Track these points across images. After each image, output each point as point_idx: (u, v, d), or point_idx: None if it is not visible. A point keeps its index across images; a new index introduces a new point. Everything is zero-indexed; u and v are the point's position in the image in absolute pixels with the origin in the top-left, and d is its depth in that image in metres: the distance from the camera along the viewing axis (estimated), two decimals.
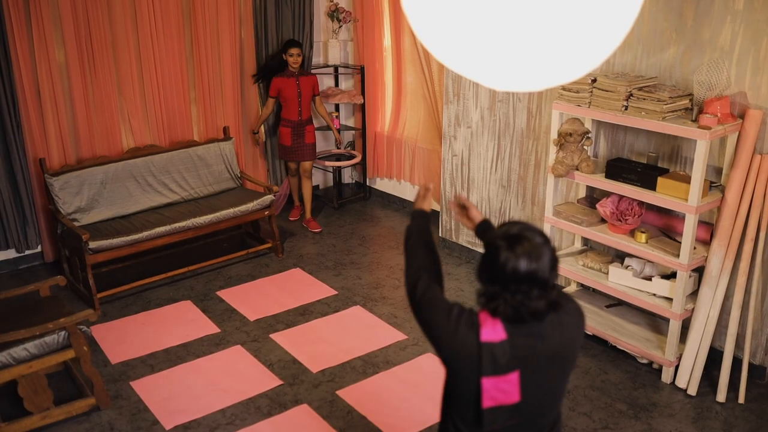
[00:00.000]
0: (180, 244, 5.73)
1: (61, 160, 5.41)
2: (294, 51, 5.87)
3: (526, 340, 1.87)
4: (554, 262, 1.85)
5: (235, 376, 4.23)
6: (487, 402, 1.89)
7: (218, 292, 5.23)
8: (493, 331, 1.85)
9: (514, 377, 1.87)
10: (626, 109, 3.97)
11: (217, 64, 6.05)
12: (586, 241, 4.78)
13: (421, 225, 2.23)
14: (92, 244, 4.85)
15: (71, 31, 5.25)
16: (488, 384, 1.87)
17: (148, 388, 4.11)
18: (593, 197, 4.60)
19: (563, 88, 4.24)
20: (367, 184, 7.13)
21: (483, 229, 2.37)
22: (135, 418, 3.86)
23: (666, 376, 4.15)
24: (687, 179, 3.88)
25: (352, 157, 6.91)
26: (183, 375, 4.24)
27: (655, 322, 4.45)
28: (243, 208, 5.57)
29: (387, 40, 6.51)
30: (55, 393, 3.85)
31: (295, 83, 5.98)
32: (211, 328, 4.74)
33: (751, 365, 4.09)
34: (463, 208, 2.45)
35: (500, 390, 1.88)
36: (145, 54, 5.63)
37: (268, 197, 5.69)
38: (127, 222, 5.29)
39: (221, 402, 3.98)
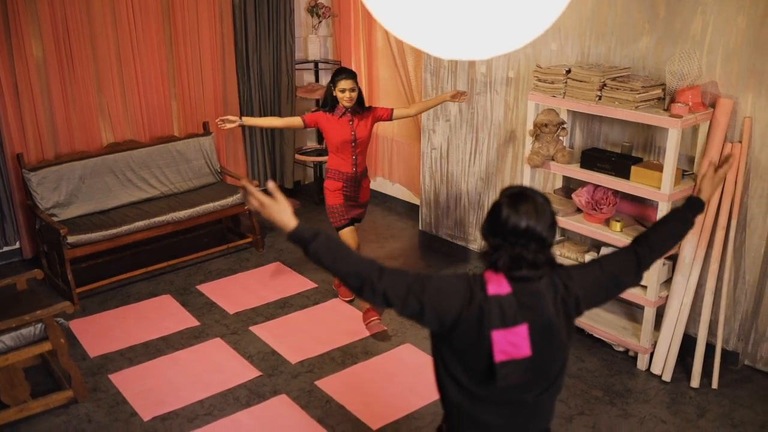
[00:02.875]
0: (160, 238, 5.72)
1: (39, 155, 5.39)
2: (346, 85, 4.38)
3: (530, 297, 1.96)
4: (553, 222, 1.97)
5: (214, 367, 4.23)
6: (498, 356, 1.93)
7: (198, 286, 5.23)
8: (498, 286, 1.94)
9: (523, 330, 1.93)
10: (600, 99, 4.02)
11: (197, 59, 6.05)
12: (563, 231, 4.82)
13: (319, 241, 1.99)
14: (70, 239, 4.84)
15: (48, 27, 5.23)
16: (498, 337, 1.92)
17: (126, 381, 4.10)
18: (569, 188, 4.64)
19: (538, 79, 4.28)
20: None
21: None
22: (113, 410, 3.86)
23: (641, 363, 4.20)
24: (660, 168, 3.93)
25: None
26: (162, 367, 4.24)
27: (631, 311, 4.50)
28: (223, 202, 5.58)
29: (364, 36, 6.52)
30: (32, 386, 3.83)
31: (349, 125, 4.48)
32: (191, 322, 4.74)
33: (724, 351, 4.14)
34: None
35: (510, 343, 1.93)
36: (124, 49, 5.62)
37: None
38: (106, 217, 5.28)
39: (200, 393, 3.98)
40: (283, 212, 2.02)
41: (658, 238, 2.24)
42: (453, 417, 2.13)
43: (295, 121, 4.59)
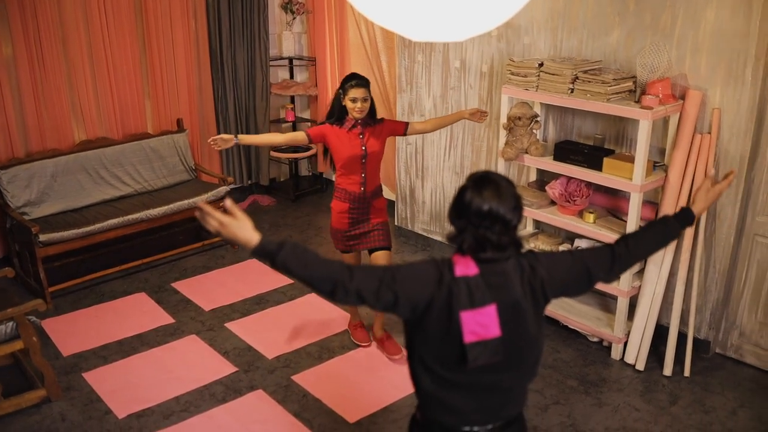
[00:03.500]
0: (134, 236, 5.67)
1: (9, 153, 5.31)
2: (358, 93, 3.86)
3: (497, 278, 1.99)
4: (517, 204, 2.00)
5: (190, 364, 4.21)
6: (468, 337, 1.95)
7: (173, 284, 5.19)
8: (466, 267, 1.97)
9: (491, 310, 1.96)
10: (572, 91, 4.06)
11: (171, 56, 6.00)
12: (537, 224, 4.86)
13: (286, 251, 1.97)
14: (42, 237, 4.78)
15: (18, 25, 5.15)
16: (467, 317, 1.94)
17: (100, 379, 4.06)
18: (543, 180, 4.68)
19: (511, 73, 4.31)
20: (324, 176, 7.13)
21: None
22: (87, 408, 3.82)
23: (615, 353, 4.25)
24: (631, 159, 3.98)
25: (309, 149, 6.91)
26: (136, 365, 4.20)
27: (605, 302, 4.55)
28: (197, 199, 5.54)
29: (337, 32, 6.51)
30: (4, 386, 3.79)
31: (359, 139, 3.94)
32: (166, 319, 4.70)
33: (695, 339, 4.20)
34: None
35: (479, 323, 1.95)
36: (96, 47, 5.56)
37: (223, 188, 5.67)
38: (79, 215, 5.22)
39: (175, 390, 3.96)
40: (244, 228, 1.97)
41: (639, 240, 2.24)
42: (427, 405, 2.14)
43: (299, 136, 4.00)
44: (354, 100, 3.86)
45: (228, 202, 2.03)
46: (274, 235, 6.04)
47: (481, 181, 1.99)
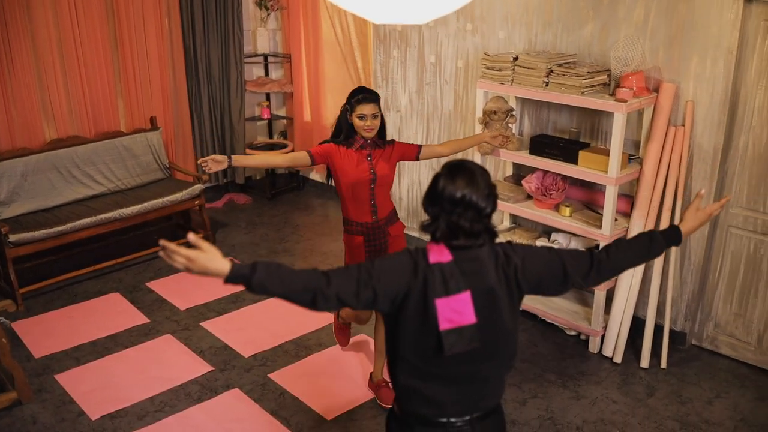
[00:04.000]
0: (108, 236, 5.59)
1: None
2: (367, 110, 3.43)
3: (471, 264, 1.99)
4: (490, 192, 2.00)
5: (165, 364, 4.15)
6: (444, 324, 1.95)
7: (148, 284, 5.12)
8: (440, 255, 1.98)
9: (466, 297, 1.95)
10: (547, 85, 4.05)
11: (144, 53, 5.92)
12: (514, 219, 4.85)
13: (259, 271, 1.95)
14: (13, 237, 4.69)
15: None
16: (442, 305, 1.94)
17: (73, 381, 3.99)
18: (519, 175, 4.68)
19: (486, 67, 4.30)
20: (301, 174, 7.08)
21: None
22: (59, 410, 3.75)
23: (593, 346, 4.26)
24: (606, 152, 3.99)
25: (284, 146, 6.86)
26: (110, 366, 4.14)
27: (582, 295, 4.56)
28: (172, 198, 5.47)
29: (311, 29, 6.46)
30: None
31: (368, 162, 3.52)
32: (140, 319, 4.64)
33: (672, 332, 4.22)
34: None
35: (454, 310, 1.95)
36: (67, 45, 5.47)
37: (198, 187, 5.60)
38: (51, 214, 5.13)
39: (150, 390, 3.90)
40: (213, 260, 1.90)
41: (621, 250, 2.21)
42: (405, 397, 2.12)
43: (301, 157, 3.56)
44: (362, 117, 3.43)
45: (191, 236, 1.93)
46: (249, 234, 5.99)
47: (455, 169, 1.99)
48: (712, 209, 2.35)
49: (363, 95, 3.45)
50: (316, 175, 6.93)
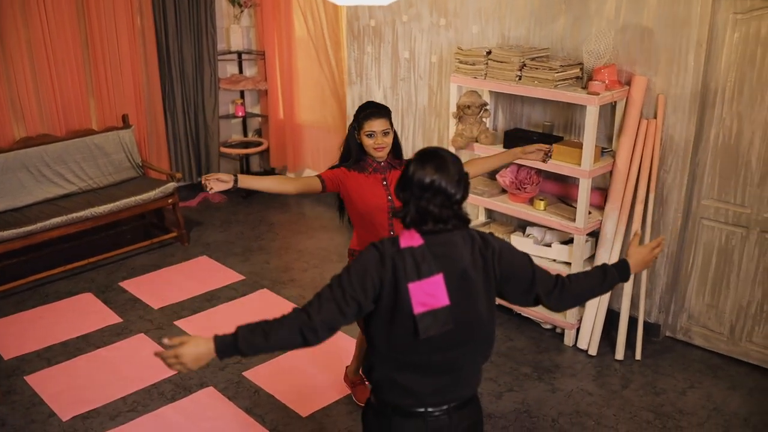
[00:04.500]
0: (80, 235, 5.50)
1: None
2: (377, 126, 3.06)
3: (442, 247, 2.00)
4: (461, 178, 2.01)
5: (138, 363, 4.09)
6: (417, 308, 1.95)
7: (121, 283, 5.05)
8: (410, 239, 1.99)
9: (438, 279, 1.96)
10: (520, 78, 4.06)
11: (116, 51, 5.83)
12: (489, 213, 4.86)
13: (242, 335, 1.98)
14: None
15: None
16: (414, 289, 1.95)
17: (43, 382, 3.92)
18: (494, 170, 4.67)
19: (459, 61, 4.30)
20: (277, 172, 7.04)
21: None
22: (29, 412, 3.68)
23: (568, 339, 4.27)
24: (580, 146, 4.00)
25: (258, 144, 6.81)
26: (82, 366, 4.07)
27: None
28: (145, 196, 5.40)
29: (284, 26, 6.42)
30: None
31: (383, 186, 3.15)
32: (113, 319, 4.57)
33: (646, 324, 4.24)
34: None
35: (427, 293, 1.95)
36: (36, 43, 5.36)
37: (171, 185, 5.54)
38: (20, 214, 5.04)
39: (122, 390, 3.84)
40: (198, 345, 1.95)
41: (579, 280, 2.23)
42: (381, 388, 2.12)
43: (312, 182, 3.13)
44: (371, 135, 3.06)
45: (165, 339, 1.99)
46: (224, 232, 5.94)
47: (426, 155, 2.02)
48: (651, 246, 2.37)
49: (370, 110, 3.08)
50: (291, 175, 6.89)
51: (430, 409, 2.10)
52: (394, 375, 2.07)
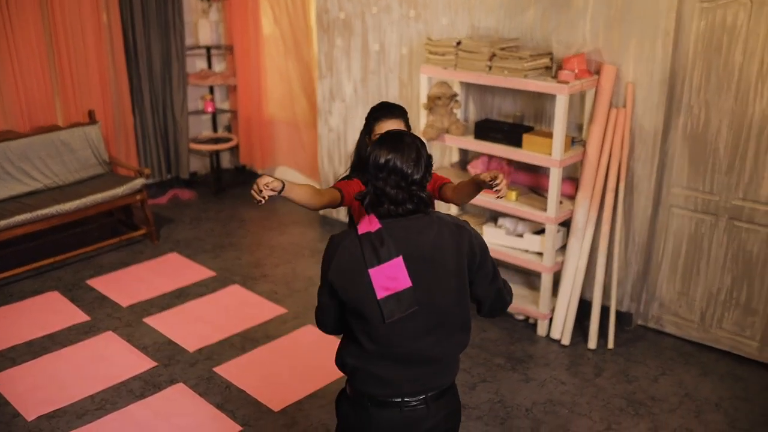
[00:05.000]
0: (46, 233, 5.38)
1: None
2: (388, 126, 2.66)
3: (402, 231, 1.99)
4: (419, 159, 1.99)
5: (106, 361, 4.01)
6: (380, 293, 1.95)
7: (88, 281, 4.95)
8: (369, 224, 1.99)
9: (398, 262, 1.95)
10: (490, 69, 4.05)
11: (81, 47, 5.71)
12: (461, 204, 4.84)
13: None
14: None
15: None
16: (375, 274, 1.94)
17: (8, 382, 3.82)
18: (465, 160, 4.67)
19: (429, 52, 4.27)
20: (247, 169, 6.96)
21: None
22: None
23: (541, 330, 4.27)
24: (551, 135, 4.00)
25: (229, 140, 6.74)
26: (48, 365, 3.98)
27: (529, 279, 4.57)
28: (112, 193, 5.30)
29: (254, 19, 6.35)
30: None
31: None
32: (80, 317, 4.48)
33: (618, 313, 4.26)
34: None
35: (389, 277, 1.94)
36: None
37: (139, 181, 5.45)
38: None
39: (90, 388, 3.76)
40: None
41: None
42: (357, 379, 2.11)
43: (334, 195, 2.62)
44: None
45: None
46: (195, 229, 5.86)
47: (385, 137, 2.03)
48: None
49: (381, 111, 2.71)
50: (260, 171, 6.82)
51: (407, 399, 2.08)
52: (369, 365, 2.04)
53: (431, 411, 2.10)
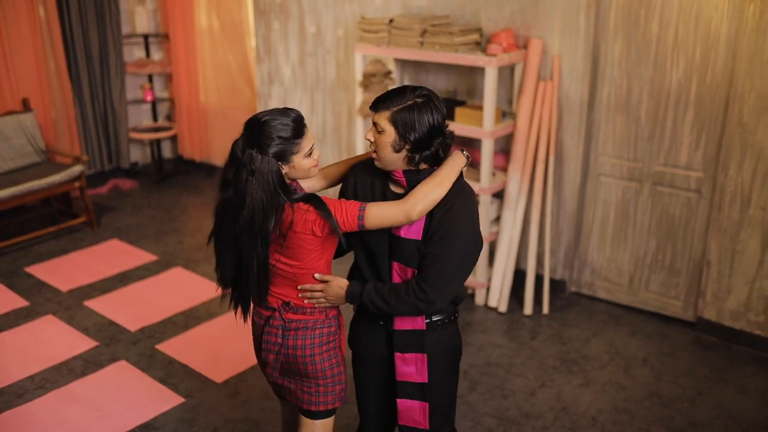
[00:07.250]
0: None
1: None
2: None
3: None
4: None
5: (46, 344, 3.98)
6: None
7: (26, 268, 4.89)
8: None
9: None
10: (422, 44, 4.15)
11: (16, 35, 5.62)
12: None
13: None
14: None
15: None
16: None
17: None
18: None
19: (363, 30, 4.36)
20: (186, 160, 6.94)
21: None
22: None
23: (479, 299, 4.40)
24: (481, 108, 4.12)
25: (169, 129, 6.71)
26: None
27: None
28: (50, 180, 5.24)
29: (186, 6, 6.32)
30: None
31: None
32: (18, 303, 4.43)
33: (552, 280, 4.42)
34: None
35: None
36: None
37: (77, 168, 5.39)
38: None
39: (29, 369, 3.74)
40: (341, 286, 2.23)
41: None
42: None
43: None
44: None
45: (316, 275, 2.24)
46: (137, 216, 5.83)
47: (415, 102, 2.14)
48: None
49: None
50: (205, 157, 6.80)
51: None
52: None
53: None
